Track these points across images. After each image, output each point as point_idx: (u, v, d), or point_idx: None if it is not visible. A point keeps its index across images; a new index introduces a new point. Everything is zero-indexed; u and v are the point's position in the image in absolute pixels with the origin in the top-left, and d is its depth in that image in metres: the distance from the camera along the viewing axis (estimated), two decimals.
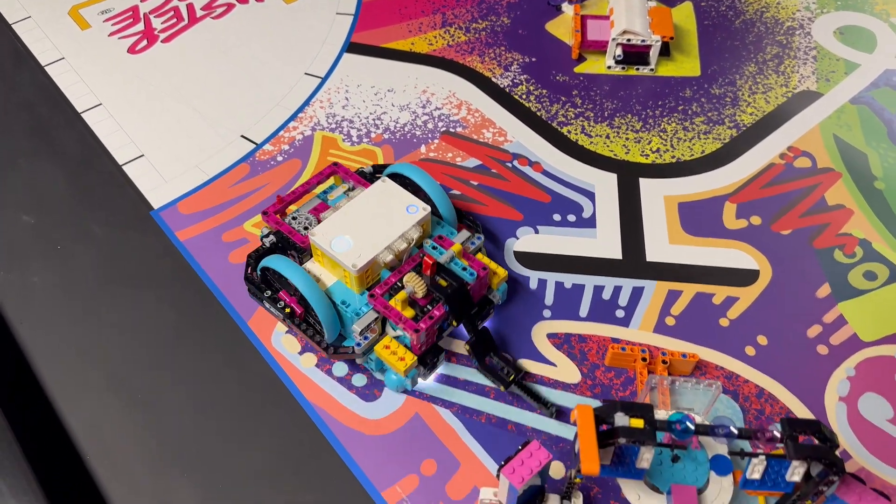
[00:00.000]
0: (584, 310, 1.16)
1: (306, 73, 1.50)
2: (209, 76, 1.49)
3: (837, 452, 0.82)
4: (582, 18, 1.54)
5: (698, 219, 1.27)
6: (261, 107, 1.44)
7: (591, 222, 1.27)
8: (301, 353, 1.11)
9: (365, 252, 1.05)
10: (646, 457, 0.84)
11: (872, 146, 1.37)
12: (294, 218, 1.12)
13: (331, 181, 1.21)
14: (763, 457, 0.83)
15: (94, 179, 1.33)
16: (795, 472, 0.82)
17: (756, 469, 0.83)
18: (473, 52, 1.54)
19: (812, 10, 1.62)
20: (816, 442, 0.82)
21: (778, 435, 0.83)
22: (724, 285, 1.19)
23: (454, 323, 1.06)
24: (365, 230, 1.08)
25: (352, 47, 1.55)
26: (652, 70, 1.49)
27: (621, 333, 1.14)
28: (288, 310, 1.07)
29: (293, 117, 1.42)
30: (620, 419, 0.83)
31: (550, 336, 1.14)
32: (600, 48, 1.50)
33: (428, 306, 1.04)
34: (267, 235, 1.15)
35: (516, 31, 1.58)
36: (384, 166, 1.23)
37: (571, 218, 1.27)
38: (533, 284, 1.19)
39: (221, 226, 1.26)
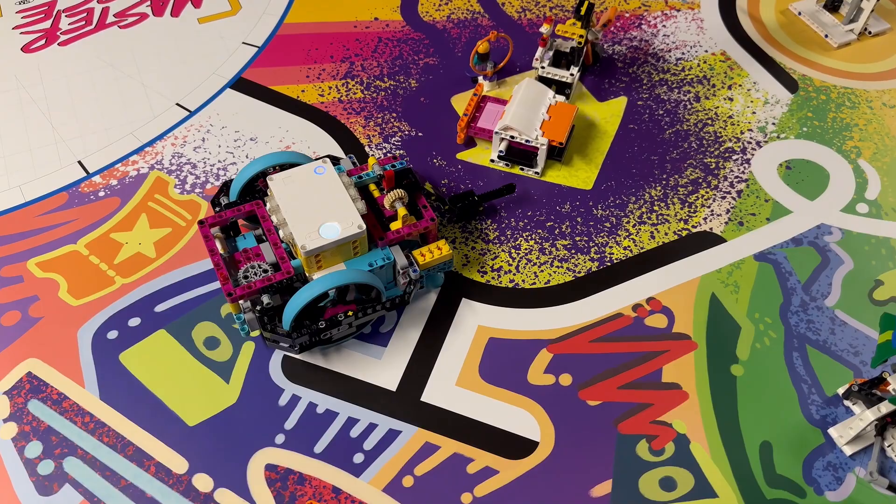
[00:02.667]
0: (322, 444, 1.02)
1: (177, 104, 1.41)
2: (82, 90, 1.43)
3: None
4: (483, 99, 1.37)
5: (502, 363, 1.10)
6: (113, 133, 1.36)
7: (384, 339, 1.12)
8: None
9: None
10: None
11: (753, 319, 1.14)
12: (245, 277, 1.04)
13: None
14: None
15: None
16: None
17: None
18: (361, 113, 1.40)
19: (767, 132, 1.38)
20: None
21: None
22: (489, 452, 1.02)
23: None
24: (314, 210, 1.05)
25: (239, 83, 1.45)
26: (538, 174, 1.31)
27: (348, 484, 0.99)
28: (350, 313, 1.05)
29: (139, 150, 1.34)
30: None
31: (269, 468, 1.01)
32: (489, 137, 1.33)
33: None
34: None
35: (418, 99, 1.43)
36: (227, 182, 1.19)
37: (367, 329, 1.13)
38: (284, 400, 1.06)
39: (3, 259, 1.20)
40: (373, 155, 1.33)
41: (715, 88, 1.45)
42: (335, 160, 1.20)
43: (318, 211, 1.05)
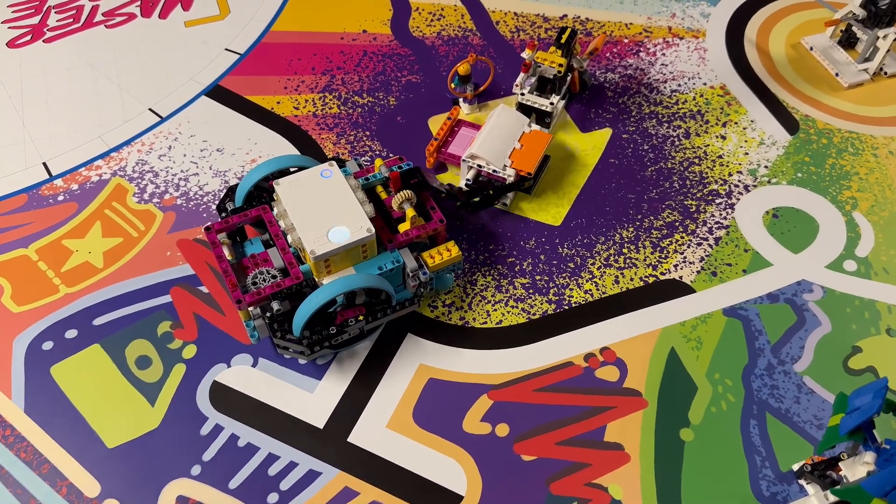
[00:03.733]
0: (238, 479, 0.99)
1: (150, 109, 1.39)
2: (59, 90, 1.42)
3: None
4: (458, 123, 1.32)
5: (439, 406, 1.04)
6: (81, 135, 1.34)
7: (320, 371, 1.08)
8: None
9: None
10: None
11: (713, 379, 1.07)
12: (254, 283, 1.02)
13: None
14: None
15: None
16: None
17: None
18: (334, 130, 1.36)
19: (757, 175, 1.29)
20: None
21: None
22: (409, 502, 0.96)
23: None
24: (322, 214, 1.03)
25: (215, 91, 1.42)
26: (505, 206, 1.25)
27: None
28: (361, 317, 1.03)
29: (104, 155, 1.32)
30: None
31: (180, 500, 0.97)
32: (459, 164, 1.27)
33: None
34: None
35: (394, 118, 1.38)
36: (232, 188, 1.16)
37: (304, 359, 1.09)
38: (206, 428, 1.03)
39: None
40: (379, 156, 1.30)
41: (708, 125, 1.37)
42: (341, 163, 1.18)
43: (326, 215, 1.02)
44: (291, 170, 1.13)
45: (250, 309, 1.02)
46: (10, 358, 1.09)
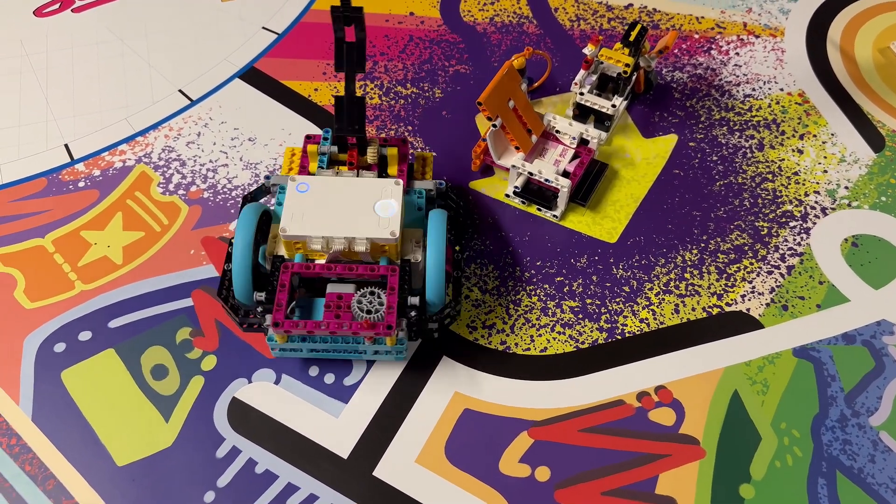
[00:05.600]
0: None
1: (180, 90, 1.30)
2: (85, 65, 1.33)
3: None
4: None
5: (474, 441, 0.96)
6: (107, 116, 1.26)
7: (347, 393, 0.99)
8: None
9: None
10: None
11: (779, 430, 0.96)
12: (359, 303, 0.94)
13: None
14: None
15: None
16: None
17: None
18: (374, 122, 1.26)
19: (837, 197, 1.17)
20: None
21: None
22: None
23: None
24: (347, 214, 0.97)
25: (249, 73, 1.33)
26: (556, 217, 1.14)
27: None
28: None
29: (129, 139, 1.24)
30: None
31: None
32: (507, 169, 1.17)
33: None
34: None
35: (439, 112, 1.28)
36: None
37: (330, 378, 1.00)
38: (223, 451, 0.95)
39: None
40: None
41: (784, 136, 1.24)
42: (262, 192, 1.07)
43: (349, 212, 0.97)
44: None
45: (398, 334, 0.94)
46: (19, 358, 1.02)
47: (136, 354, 1.02)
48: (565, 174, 1.13)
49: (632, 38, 1.14)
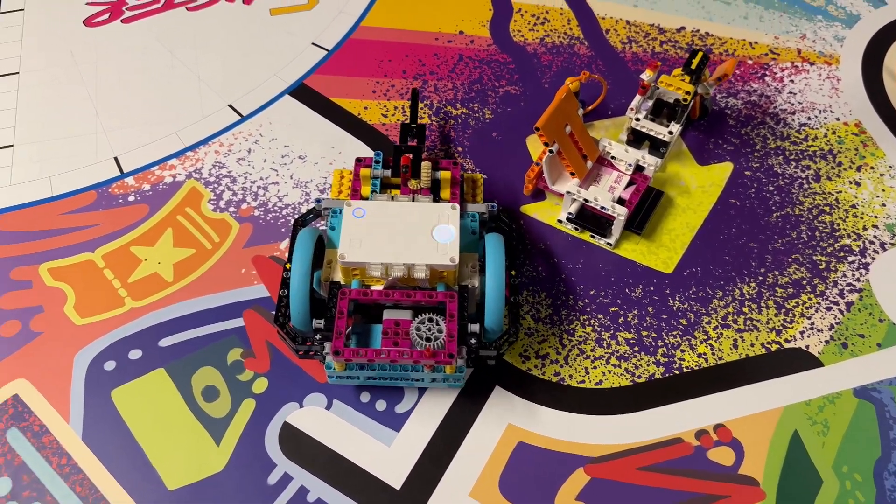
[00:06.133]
0: None
1: (230, 105, 1.29)
2: (134, 76, 1.33)
3: None
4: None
5: (529, 476, 0.94)
6: (156, 129, 1.26)
7: (398, 421, 0.98)
8: None
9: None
10: None
11: (840, 473, 0.94)
12: (427, 339, 0.93)
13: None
14: None
15: None
16: None
17: None
18: (424, 142, 1.25)
19: (895, 232, 1.15)
20: None
21: None
22: None
23: None
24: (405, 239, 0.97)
25: (299, 90, 1.32)
26: (610, 245, 1.13)
27: None
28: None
29: (179, 153, 1.23)
30: None
31: None
32: (561, 194, 1.15)
33: None
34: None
35: (490, 133, 1.26)
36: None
37: (381, 405, 0.99)
38: (274, 477, 0.94)
39: (16, 258, 1.11)
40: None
41: (841, 167, 1.22)
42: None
43: (407, 238, 0.96)
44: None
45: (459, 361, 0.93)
46: (69, 375, 1.01)
47: (186, 375, 1.01)
48: (620, 201, 1.11)
49: (693, 66, 1.13)
